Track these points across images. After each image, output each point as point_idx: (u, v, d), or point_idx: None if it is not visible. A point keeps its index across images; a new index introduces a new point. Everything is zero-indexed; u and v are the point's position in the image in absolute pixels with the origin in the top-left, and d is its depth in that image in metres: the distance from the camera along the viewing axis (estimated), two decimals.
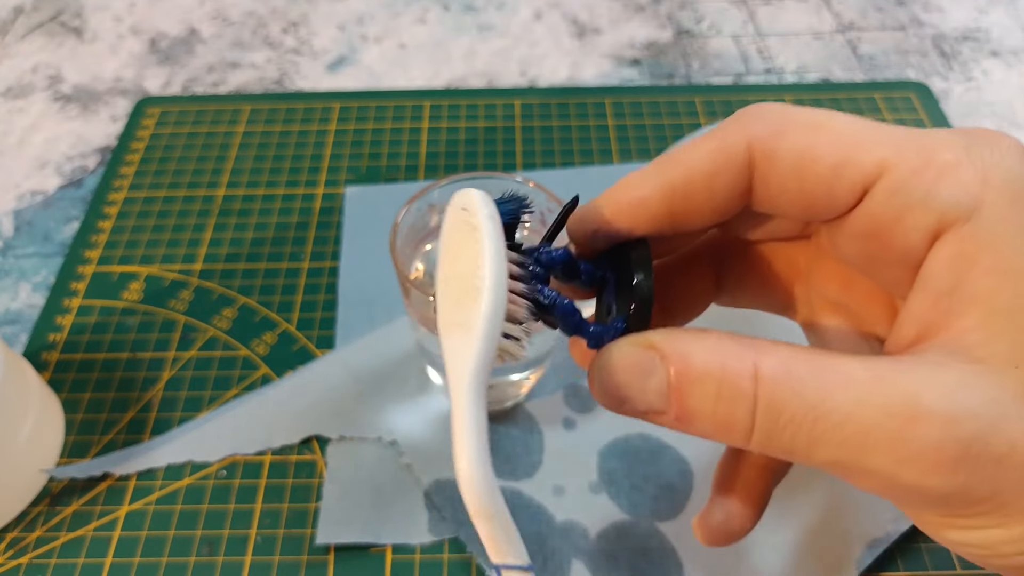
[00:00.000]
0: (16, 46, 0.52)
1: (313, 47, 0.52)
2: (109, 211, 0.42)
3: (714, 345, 0.15)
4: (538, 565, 0.28)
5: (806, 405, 0.14)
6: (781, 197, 0.17)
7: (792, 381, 0.14)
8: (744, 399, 0.14)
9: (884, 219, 0.16)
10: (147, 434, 0.33)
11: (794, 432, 0.14)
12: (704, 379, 0.15)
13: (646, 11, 0.54)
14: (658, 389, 0.15)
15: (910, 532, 0.29)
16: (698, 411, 0.15)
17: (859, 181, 0.16)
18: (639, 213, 0.17)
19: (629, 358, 0.16)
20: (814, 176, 0.16)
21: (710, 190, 0.17)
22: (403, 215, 0.28)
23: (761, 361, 0.15)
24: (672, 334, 0.16)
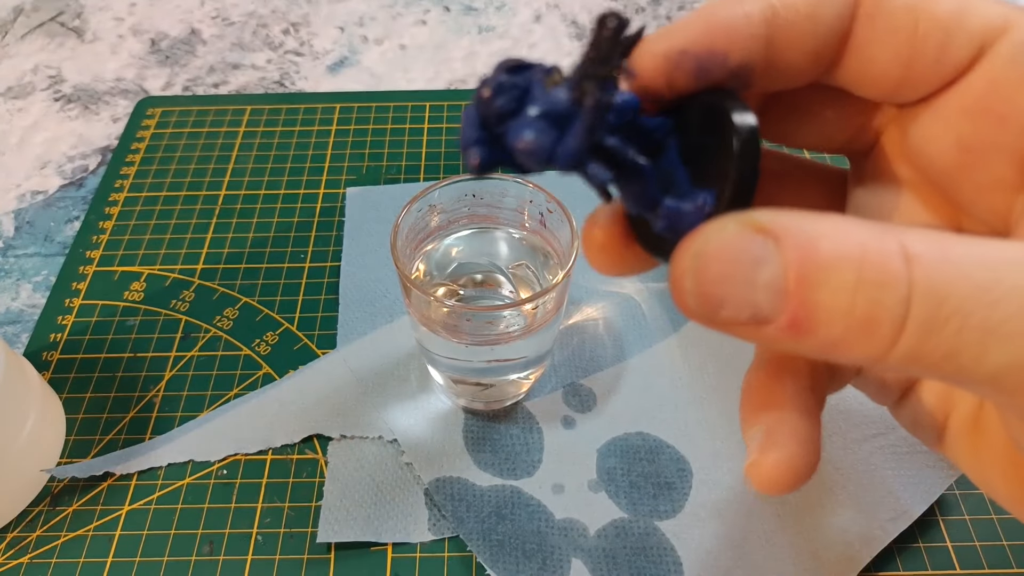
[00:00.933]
0: (16, 46, 0.52)
1: (314, 48, 0.52)
2: (110, 211, 0.42)
3: (845, 224, 0.11)
4: (538, 563, 0.29)
5: (979, 287, 0.11)
6: (883, 46, 0.14)
7: (955, 261, 0.11)
8: (895, 285, 0.11)
9: (1004, 86, 0.13)
10: (148, 433, 0.33)
11: (962, 324, 0.11)
12: (839, 263, 0.11)
13: (645, 12, 0.54)
14: (771, 283, 0.11)
15: (910, 532, 0.29)
16: (829, 307, 0.11)
17: (979, 33, 0.13)
18: (740, 31, 0.14)
19: (735, 242, 0.12)
20: (932, 19, 0.13)
21: (814, 19, 0.14)
22: (404, 216, 0.28)
23: (909, 241, 0.11)
24: (786, 213, 0.12)
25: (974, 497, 0.31)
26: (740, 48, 0.14)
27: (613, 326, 0.36)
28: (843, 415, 0.32)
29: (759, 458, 0.15)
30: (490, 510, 0.30)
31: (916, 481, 0.30)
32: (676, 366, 0.34)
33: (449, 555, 0.29)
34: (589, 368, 0.34)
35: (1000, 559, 0.29)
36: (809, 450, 0.15)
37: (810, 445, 0.15)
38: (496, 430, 0.32)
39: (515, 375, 0.31)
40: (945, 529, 0.30)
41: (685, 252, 0.12)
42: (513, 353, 0.29)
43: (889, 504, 0.29)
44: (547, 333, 0.30)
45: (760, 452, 0.15)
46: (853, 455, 0.31)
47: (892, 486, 0.30)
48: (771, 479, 0.15)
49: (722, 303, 0.12)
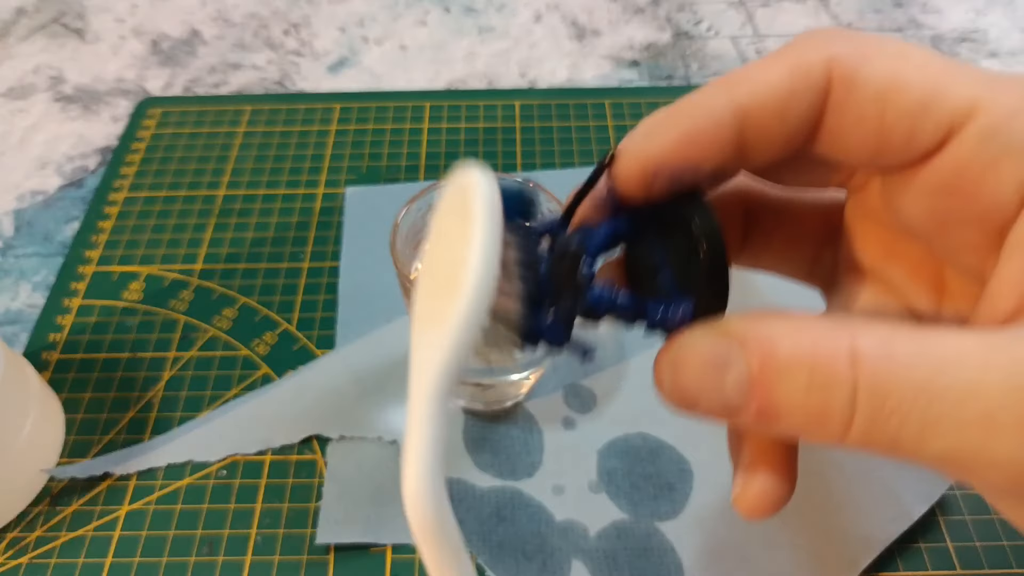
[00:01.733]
0: (18, 47, 0.52)
1: (314, 48, 0.52)
2: (110, 211, 0.42)
3: (802, 326, 0.13)
4: (538, 564, 0.28)
5: (917, 385, 0.12)
6: (853, 132, 0.15)
7: (898, 358, 0.12)
8: (842, 385, 0.12)
9: (973, 168, 0.14)
10: (147, 434, 0.33)
11: (902, 419, 0.12)
12: (793, 366, 0.13)
13: (645, 13, 0.54)
14: (737, 383, 0.13)
15: (910, 532, 0.29)
16: (786, 404, 0.13)
17: (947, 119, 0.14)
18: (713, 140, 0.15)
19: (704, 350, 0.14)
20: (898, 108, 0.14)
21: (783, 116, 0.15)
22: (403, 215, 0.28)
23: (859, 341, 0.12)
24: (752, 318, 0.13)
25: (974, 497, 0.31)
26: (712, 157, 0.15)
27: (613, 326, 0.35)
28: None
29: (742, 492, 0.17)
30: (490, 511, 0.30)
31: (916, 481, 0.30)
32: None
33: None
34: (589, 368, 0.34)
35: (1000, 559, 0.29)
36: (784, 481, 0.17)
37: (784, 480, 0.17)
38: (496, 431, 0.32)
39: (515, 375, 0.31)
40: (945, 529, 0.30)
41: (663, 359, 0.14)
42: None
43: (889, 504, 0.29)
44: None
45: (742, 487, 0.17)
46: (853, 456, 0.31)
47: (892, 486, 0.30)
48: (752, 510, 0.17)
49: (696, 401, 0.14)
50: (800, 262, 0.19)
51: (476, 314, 0.14)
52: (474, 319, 0.14)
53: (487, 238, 0.14)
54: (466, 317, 0.13)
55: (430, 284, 0.16)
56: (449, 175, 0.16)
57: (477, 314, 0.14)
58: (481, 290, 0.13)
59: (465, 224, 0.14)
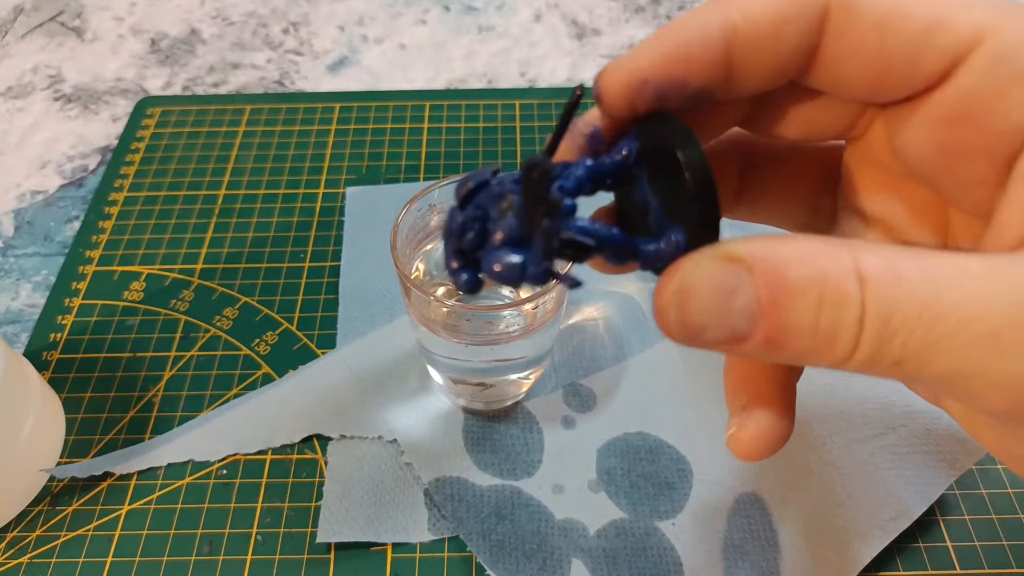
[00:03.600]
0: (16, 46, 0.52)
1: (314, 48, 0.52)
2: (110, 211, 0.42)
3: (807, 248, 0.13)
4: (538, 563, 0.29)
5: (921, 304, 0.12)
6: (852, 62, 0.14)
7: (902, 279, 0.12)
8: (850, 304, 0.12)
9: (981, 96, 0.13)
10: (148, 433, 0.33)
11: (906, 338, 0.12)
12: (802, 287, 0.12)
13: (645, 12, 0.54)
14: (745, 308, 0.13)
15: (910, 532, 0.29)
16: (796, 326, 0.13)
17: (951, 48, 0.13)
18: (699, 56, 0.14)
19: (710, 276, 0.13)
20: (899, 36, 0.14)
21: (776, 39, 0.14)
22: (403, 215, 0.28)
23: (863, 260, 0.12)
24: (755, 241, 0.13)
25: (974, 497, 0.31)
26: (699, 74, 0.14)
27: (613, 326, 0.36)
28: (843, 416, 0.32)
29: (737, 432, 0.17)
30: (490, 510, 0.30)
31: (916, 481, 0.30)
32: (676, 366, 0.34)
33: (449, 555, 0.29)
34: (589, 368, 0.34)
35: (1000, 559, 0.29)
36: (782, 423, 0.17)
37: (783, 419, 0.17)
38: (496, 430, 0.32)
39: (515, 375, 0.31)
40: (945, 529, 0.30)
41: (665, 288, 0.14)
42: (513, 353, 0.29)
43: (889, 504, 0.29)
44: (547, 333, 0.30)
45: (739, 427, 0.17)
46: (853, 455, 0.31)
47: (892, 486, 0.30)
48: (748, 449, 0.17)
49: (703, 329, 0.13)
50: (798, 212, 0.19)
51: None
52: None
53: None
54: None
55: None
56: None
57: None
58: None
59: None
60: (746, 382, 0.17)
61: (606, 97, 0.15)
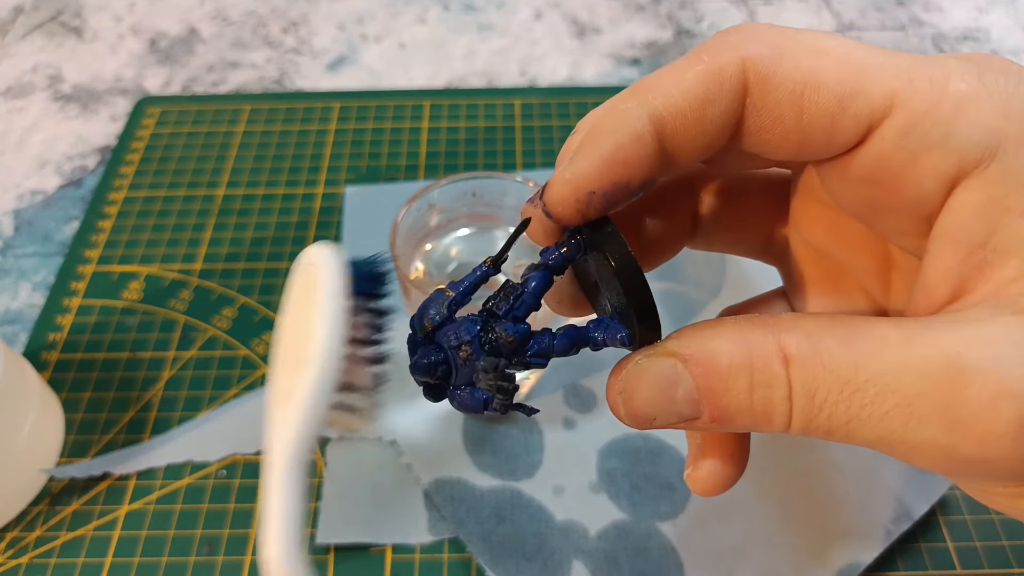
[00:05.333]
0: (16, 46, 0.52)
1: (313, 47, 0.52)
2: (109, 211, 0.42)
3: (735, 334, 0.14)
4: (538, 565, 0.28)
5: (840, 380, 0.13)
6: (774, 131, 0.15)
7: (821, 356, 0.13)
8: (778, 384, 0.13)
9: (894, 163, 0.14)
10: (147, 434, 0.33)
11: (831, 411, 0.13)
12: (734, 373, 0.14)
13: (646, 11, 0.54)
14: (687, 397, 0.14)
15: (910, 532, 0.29)
16: (734, 407, 0.14)
17: (866, 116, 0.14)
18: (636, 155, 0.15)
19: (650, 373, 0.14)
20: (815, 107, 0.14)
21: (701, 122, 0.15)
22: (403, 215, 0.28)
23: (786, 340, 0.13)
24: (688, 334, 0.14)
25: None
26: (639, 173, 0.15)
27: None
28: None
29: (692, 472, 0.18)
30: (490, 511, 0.30)
31: (917, 481, 0.30)
32: None
33: (449, 556, 0.29)
34: (590, 368, 0.34)
35: (1000, 559, 0.29)
36: (731, 466, 0.18)
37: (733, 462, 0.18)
38: (496, 431, 0.32)
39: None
40: (945, 529, 0.30)
41: (612, 388, 0.15)
42: None
43: (890, 504, 0.29)
44: None
45: (693, 468, 0.18)
46: (854, 456, 0.31)
47: (893, 487, 0.30)
48: (702, 489, 0.18)
49: (653, 419, 0.15)
50: (753, 242, 0.19)
51: (322, 390, 0.15)
52: (321, 395, 0.15)
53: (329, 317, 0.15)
54: (313, 394, 0.15)
55: (282, 361, 0.17)
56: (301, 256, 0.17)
57: (324, 390, 0.15)
58: (325, 368, 0.15)
59: (311, 302, 0.15)
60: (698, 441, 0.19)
61: (556, 212, 0.15)
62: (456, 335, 0.16)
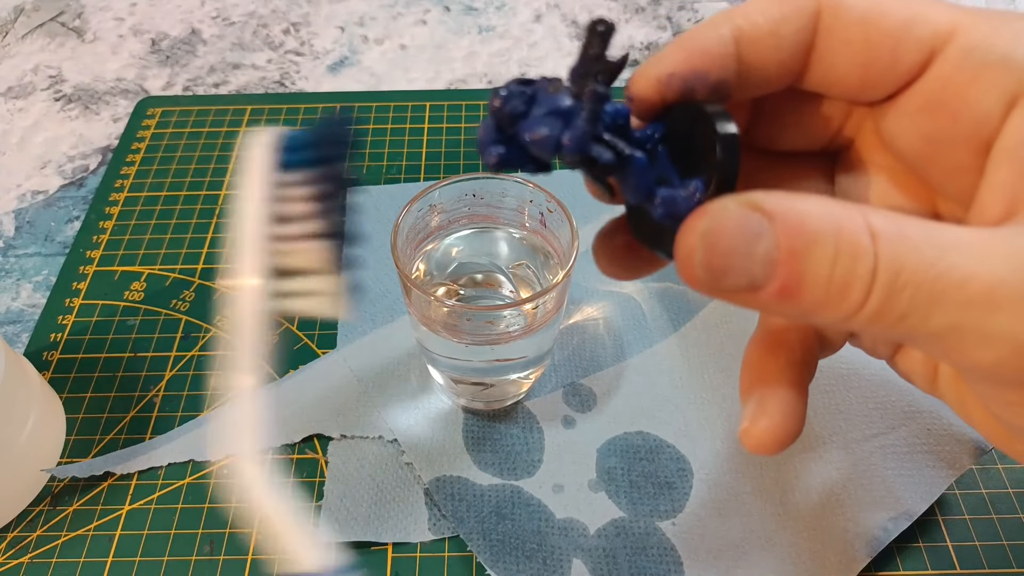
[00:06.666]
0: (17, 46, 0.52)
1: (314, 48, 0.52)
2: (110, 211, 0.42)
3: (824, 204, 0.14)
4: (538, 563, 0.29)
5: (925, 261, 0.13)
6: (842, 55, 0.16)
7: (908, 239, 0.13)
8: (864, 256, 0.13)
9: (956, 83, 0.15)
10: (148, 433, 0.33)
11: (914, 292, 0.13)
12: (820, 238, 0.13)
13: (645, 12, 0.54)
14: (765, 255, 0.13)
15: (910, 532, 0.29)
16: (812, 275, 0.13)
17: (928, 40, 0.15)
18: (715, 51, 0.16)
19: (736, 219, 0.14)
20: (881, 31, 0.15)
21: (777, 36, 0.16)
22: (404, 215, 0.28)
23: (874, 220, 0.13)
24: (777, 193, 0.14)
25: (974, 497, 0.31)
26: (717, 66, 0.16)
27: (613, 326, 0.36)
28: (843, 415, 0.32)
29: (750, 426, 0.18)
30: (490, 510, 0.30)
31: (916, 481, 0.30)
32: (676, 366, 0.34)
33: (449, 555, 0.29)
34: (589, 368, 0.34)
35: (1000, 559, 0.29)
36: (793, 420, 0.18)
37: (795, 416, 0.18)
38: (496, 430, 0.32)
39: (515, 375, 0.31)
40: (945, 529, 0.30)
41: (693, 230, 0.14)
42: (513, 353, 0.29)
43: (889, 504, 0.29)
44: (547, 333, 0.30)
45: (751, 421, 0.18)
46: (853, 455, 0.31)
47: (892, 486, 0.30)
48: (760, 443, 0.18)
49: (726, 273, 0.14)
50: None
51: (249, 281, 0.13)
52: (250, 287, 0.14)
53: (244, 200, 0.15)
54: None
55: None
56: None
57: None
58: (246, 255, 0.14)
59: None
60: (761, 380, 0.18)
61: (639, 92, 0.17)
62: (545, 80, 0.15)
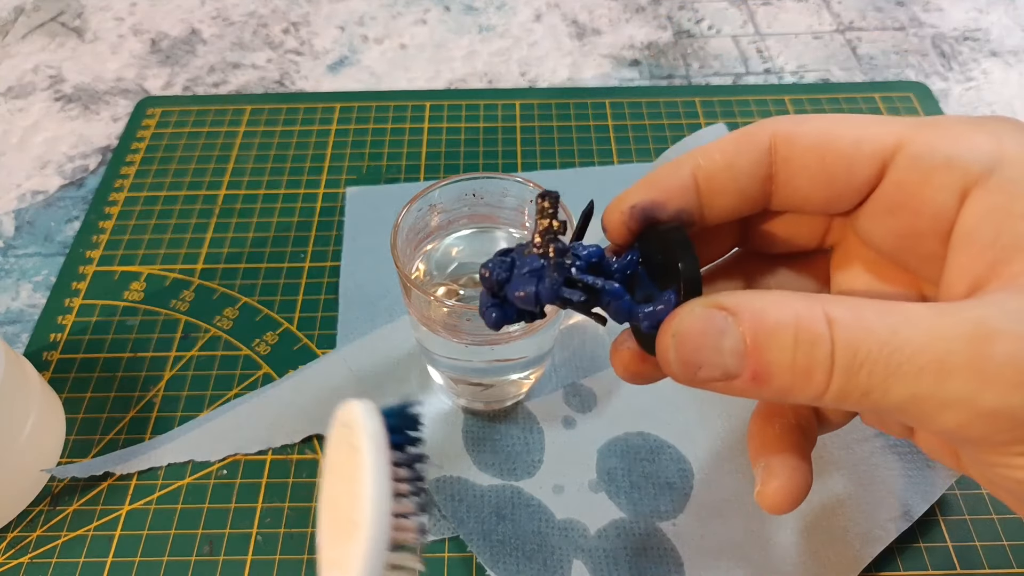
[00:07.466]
0: (17, 46, 0.52)
1: (314, 48, 0.52)
2: (110, 211, 0.42)
3: (782, 298, 0.15)
4: (538, 564, 0.29)
5: (880, 340, 0.14)
6: (801, 179, 0.18)
7: (863, 321, 0.14)
8: (822, 342, 0.14)
9: (911, 186, 0.17)
10: (148, 433, 0.33)
11: (871, 368, 0.14)
12: (780, 329, 0.15)
13: (646, 11, 0.54)
14: (734, 349, 0.15)
15: (910, 532, 0.29)
16: (777, 363, 0.15)
17: (878, 154, 0.17)
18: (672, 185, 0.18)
19: (702, 320, 0.16)
20: (834, 152, 0.17)
21: (733, 169, 0.18)
22: (404, 215, 0.28)
23: (830, 308, 0.15)
24: (738, 293, 0.16)
25: (974, 497, 0.31)
26: (675, 198, 0.18)
27: (613, 326, 0.35)
28: None
29: (762, 488, 0.19)
30: (490, 510, 0.30)
31: (916, 481, 0.30)
32: None
33: (449, 555, 0.29)
34: (590, 368, 0.34)
35: (1000, 559, 0.29)
36: (799, 480, 0.19)
37: (800, 476, 0.19)
38: (496, 430, 0.32)
39: (515, 375, 0.31)
40: (945, 529, 0.30)
41: (666, 332, 0.16)
42: (513, 353, 0.29)
43: (890, 504, 0.29)
44: (547, 333, 0.30)
45: (763, 484, 0.20)
46: (853, 455, 0.31)
47: (892, 486, 0.30)
48: (774, 503, 0.19)
49: (699, 367, 0.16)
50: None
51: (376, 556, 0.16)
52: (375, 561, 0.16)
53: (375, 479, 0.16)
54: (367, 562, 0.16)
55: (329, 527, 0.18)
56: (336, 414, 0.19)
57: (377, 556, 0.16)
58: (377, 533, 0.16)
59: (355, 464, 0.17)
60: (764, 447, 0.20)
61: (608, 224, 0.19)
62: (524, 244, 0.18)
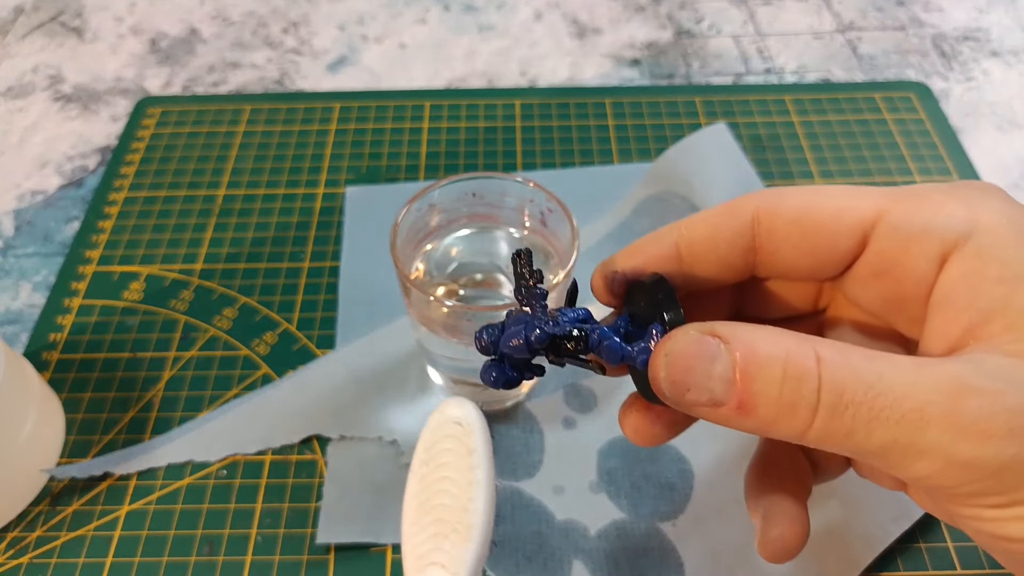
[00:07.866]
0: (17, 46, 0.52)
1: (313, 47, 0.52)
2: (110, 211, 0.42)
3: (775, 334, 0.16)
4: (539, 564, 0.28)
5: (865, 383, 0.15)
6: (784, 249, 0.18)
7: (851, 363, 0.15)
8: (809, 379, 0.15)
9: (892, 254, 0.17)
10: (148, 434, 0.33)
11: (855, 410, 0.15)
12: (770, 362, 0.15)
13: (646, 11, 0.54)
14: (723, 375, 0.16)
15: (910, 532, 0.29)
16: (763, 395, 0.15)
17: (858, 225, 0.18)
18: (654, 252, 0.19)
19: (695, 343, 0.16)
20: (815, 225, 0.18)
21: (714, 240, 0.19)
22: (403, 215, 0.28)
23: (820, 349, 0.15)
24: (733, 324, 0.16)
25: None
26: (657, 267, 0.19)
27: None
28: None
29: (762, 537, 0.20)
30: None
31: None
32: None
33: None
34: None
35: None
36: (799, 527, 0.20)
37: (800, 523, 0.20)
38: (496, 431, 0.32)
39: None
40: (946, 529, 0.30)
41: (659, 352, 0.17)
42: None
43: (890, 504, 0.29)
44: None
45: (763, 532, 0.20)
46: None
47: None
48: (774, 551, 0.20)
49: (688, 389, 0.16)
50: None
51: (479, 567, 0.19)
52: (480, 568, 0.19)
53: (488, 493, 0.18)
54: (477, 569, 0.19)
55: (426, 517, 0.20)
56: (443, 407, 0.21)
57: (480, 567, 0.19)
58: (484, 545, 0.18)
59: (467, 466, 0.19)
60: (764, 497, 0.21)
61: (593, 287, 0.20)
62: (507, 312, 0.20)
